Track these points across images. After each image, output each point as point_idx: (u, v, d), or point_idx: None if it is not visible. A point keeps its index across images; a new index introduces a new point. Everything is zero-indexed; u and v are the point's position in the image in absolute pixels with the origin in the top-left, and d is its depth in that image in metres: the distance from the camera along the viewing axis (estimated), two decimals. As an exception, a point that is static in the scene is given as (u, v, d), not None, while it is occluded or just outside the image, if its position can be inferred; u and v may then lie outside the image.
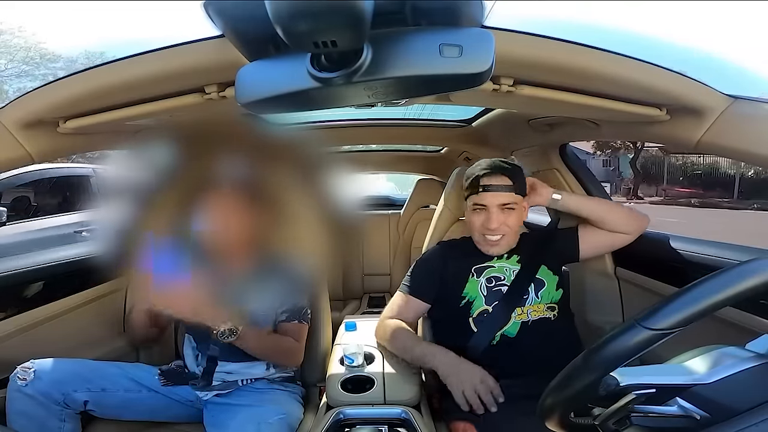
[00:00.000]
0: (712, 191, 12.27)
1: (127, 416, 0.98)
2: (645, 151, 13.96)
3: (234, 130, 0.62)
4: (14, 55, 9.61)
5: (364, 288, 2.38)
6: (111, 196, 0.65)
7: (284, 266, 0.90)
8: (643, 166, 14.44)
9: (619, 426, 0.46)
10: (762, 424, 0.37)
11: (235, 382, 0.99)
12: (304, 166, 0.58)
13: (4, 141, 0.66)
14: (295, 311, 1.04)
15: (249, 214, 0.68)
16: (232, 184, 0.66)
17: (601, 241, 1.04)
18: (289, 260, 0.64)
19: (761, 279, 0.41)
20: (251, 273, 0.70)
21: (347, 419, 0.82)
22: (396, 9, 0.36)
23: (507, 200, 0.96)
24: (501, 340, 0.93)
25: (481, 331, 0.94)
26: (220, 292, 0.93)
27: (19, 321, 0.97)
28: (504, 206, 0.96)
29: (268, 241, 0.64)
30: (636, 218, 1.03)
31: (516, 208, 0.98)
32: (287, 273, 1.02)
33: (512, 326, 0.94)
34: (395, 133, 1.68)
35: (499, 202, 0.96)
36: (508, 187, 0.96)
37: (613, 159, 15.05)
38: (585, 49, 0.60)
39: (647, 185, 14.32)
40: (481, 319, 0.96)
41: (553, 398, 0.48)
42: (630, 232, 1.02)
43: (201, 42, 0.55)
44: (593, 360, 0.44)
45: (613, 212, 1.03)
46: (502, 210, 0.96)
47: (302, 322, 1.06)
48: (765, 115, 0.67)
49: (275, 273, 1.00)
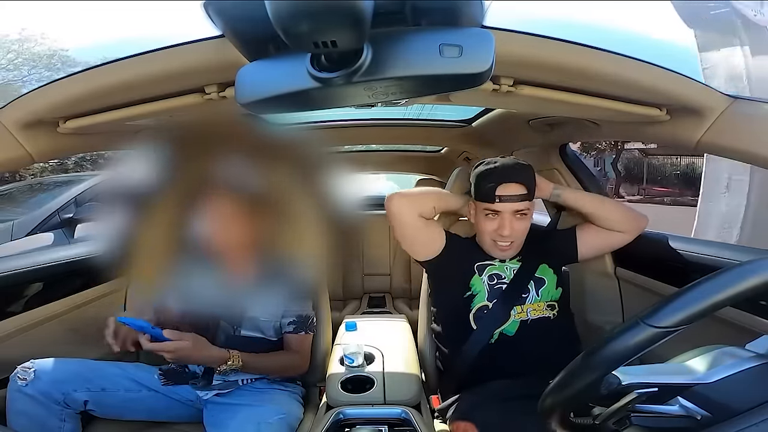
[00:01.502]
0: (688, 190, 12.93)
1: (127, 416, 0.98)
2: (628, 152, 14.55)
3: (234, 130, 0.62)
4: (37, 62, 9.84)
5: (364, 288, 2.38)
6: (111, 197, 0.64)
7: (288, 271, 0.89)
8: (626, 166, 15.07)
9: (619, 426, 0.46)
10: (762, 424, 0.37)
11: (235, 381, 0.99)
12: (304, 166, 0.58)
13: (4, 141, 0.66)
14: (301, 322, 1.02)
15: (250, 215, 0.68)
16: (232, 185, 0.65)
17: (599, 241, 1.03)
18: (292, 264, 0.63)
19: (765, 278, 0.41)
20: (255, 278, 0.70)
21: (347, 419, 0.83)
22: (396, 9, 0.36)
23: (522, 207, 0.94)
24: (500, 338, 0.93)
25: (480, 329, 0.94)
26: (225, 299, 0.92)
27: (19, 321, 0.97)
28: (518, 212, 0.95)
29: (270, 244, 0.64)
30: (634, 217, 1.03)
31: (528, 213, 0.96)
32: (291, 278, 1.02)
33: (511, 325, 0.94)
34: (395, 133, 1.68)
35: (514, 209, 0.94)
36: (523, 196, 0.94)
37: (599, 160, 15.47)
38: (585, 49, 0.60)
39: (630, 185, 14.85)
40: (480, 316, 0.95)
41: (554, 398, 0.48)
42: (628, 230, 1.01)
43: (201, 42, 0.55)
44: (596, 358, 0.44)
45: (612, 209, 1.02)
46: (516, 217, 0.95)
47: (308, 332, 1.04)
48: (765, 115, 0.67)
49: (279, 278, 0.99)
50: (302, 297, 1.04)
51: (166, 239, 0.58)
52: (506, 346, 0.92)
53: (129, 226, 0.58)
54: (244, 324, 0.97)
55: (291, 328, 1.01)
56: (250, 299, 0.98)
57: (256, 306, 1.00)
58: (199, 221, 0.64)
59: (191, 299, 0.78)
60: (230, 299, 0.95)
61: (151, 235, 0.57)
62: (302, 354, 1.03)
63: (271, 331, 1.01)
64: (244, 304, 0.99)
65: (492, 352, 0.92)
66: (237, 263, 0.71)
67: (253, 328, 0.98)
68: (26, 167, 6.07)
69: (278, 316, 1.02)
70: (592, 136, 1.07)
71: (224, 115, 0.73)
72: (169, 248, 0.58)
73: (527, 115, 1.12)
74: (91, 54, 2.26)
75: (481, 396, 0.87)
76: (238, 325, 0.97)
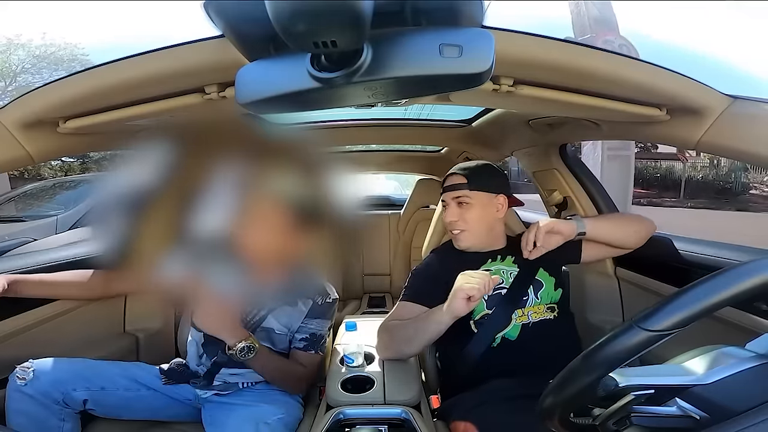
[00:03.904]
0: (666, 192, 13.83)
1: (126, 415, 0.98)
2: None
3: (233, 129, 0.62)
4: (59, 65, 10.25)
5: (364, 288, 2.38)
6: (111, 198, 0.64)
7: (305, 278, 0.87)
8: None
9: (619, 426, 0.46)
10: (762, 424, 0.37)
11: (235, 384, 0.99)
12: (304, 166, 0.58)
13: (4, 141, 0.66)
14: (314, 341, 1.00)
15: (251, 216, 0.67)
16: (233, 185, 0.65)
17: (605, 252, 1.06)
18: (308, 272, 0.62)
19: (760, 280, 0.41)
20: (274, 286, 0.68)
21: (347, 419, 0.82)
22: (396, 9, 0.36)
23: (459, 194, 1.02)
24: (501, 342, 0.93)
25: (481, 333, 0.94)
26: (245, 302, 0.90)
27: (19, 321, 0.97)
28: (458, 201, 1.02)
29: (271, 244, 0.63)
30: (646, 231, 1.04)
31: (472, 203, 1.01)
32: (310, 288, 1.00)
33: (513, 329, 0.94)
34: (395, 133, 1.68)
35: (453, 197, 1.03)
36: (462, 185, 1.02)
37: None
38: (585, 49, 0.60)
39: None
40: (481, 322, 0.95)
41: (553, 398, 0.48)
42: (639, 245, 1.04)
43: (201, 42, 0.55)
44: (591, 361, 0.44)
45: (630, 233, 1.03)
46: (459, 205, 1.02)
47: (319, 353, 1.02)
48: (765, 115, 0.67)
49: (298, 287, 0.98)
50: (323, 315, 1.02)
51: (165, 239, 0.58)
52: (508, 350, 0.92)
53: (129, 226, 0.58)
54: (258, 334, 0.96)
55: (301, 345, 0.99)
56: (271, 308, 0.98)
57: (273, 317, 0.99)
58: (199, 223, 0.63)
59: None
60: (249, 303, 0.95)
61: (149, 235, 0.57)
62: (308, 370, 1.01)
63: (283, 345, 1.00)
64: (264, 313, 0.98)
65: (494, 355, 0.92)
66: (256, 270, 0.69)
67: (266, 338, 0.97)
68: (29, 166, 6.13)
69: (293, 330, 1.00)
70: (592, 136, 1.07)
71: (224, 114, 0.72)
72: (167, 248, 0.58)
73: (527, 115, 1.12)
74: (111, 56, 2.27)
75: (481, 396, 0.86)
76: (251, 332, 0.95)
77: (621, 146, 6.41)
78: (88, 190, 3.18)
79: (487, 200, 1.02)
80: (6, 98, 8.40)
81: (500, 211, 1.04)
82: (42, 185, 3.92)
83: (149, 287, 0.76)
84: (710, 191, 13.17)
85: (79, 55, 10.73)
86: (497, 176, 1.06)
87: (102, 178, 2.99)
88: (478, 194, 1.01)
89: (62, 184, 3.83)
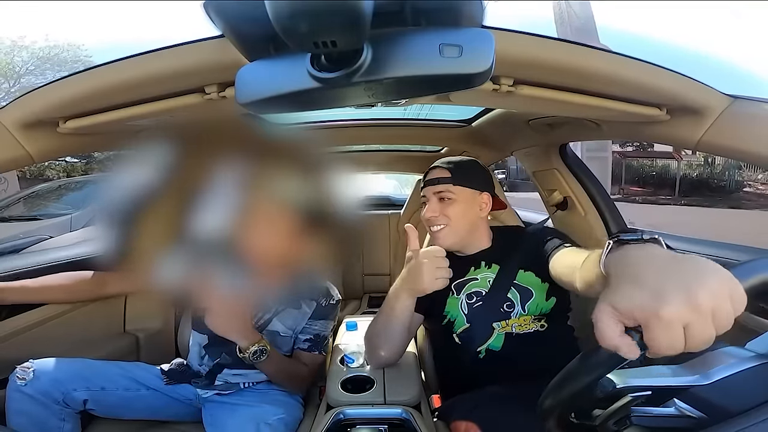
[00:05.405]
0: (661, 190, 14.09)
1: (126, 415, 0.98)
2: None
3: (233, 129, 0.62)
4: (62, 66, 10.42)
5: (364, 288, 2.38)
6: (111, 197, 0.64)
7: (310, 280, 0.86)
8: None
9: (620, 426, 0.46)
10: (761, 424, 0.37)
11: (237, 383, 0.99)
12: (304, 166, 0.58)
13: (4, 141, 0.66)
14: (317, 342, 1.01)
15: (253, 217, 0.67)
16: (233, 185, 0.65)
17: (569, 276, 0.74)
18: (312, 273, 0.62)
19: (760, 279, 0.41)
20: (280, 288, 0.68)
21: (347, 419, 0.82)
22: (396, 9, 0.36)
23: (441, 189, 0.96)
24: (487, 354, 0.90)
25: (464, 346, 0.92)
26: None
27: (19, 321, 0.97)
28: (440, 196, 0.96)
29: (273, 246, 0.63)
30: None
31: (454, 198, 0.95)
32: (313, 289, 1.00)
33: (496, 339, 0.90)
34: (395, 133, 1.68)
35: (435, 191, 0.97)
36: (445, 179, 0.96)
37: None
38: (585, 49, 0.60)
39: (612, 184, 15.88)
40: (463, 335, 0.93)
41: (552, 399, 0.48)
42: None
43: (201, 42, 0.55)
44: (588, 362, 0.44)
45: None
46: (440, 201, 0.96)
47: (322, 353, 1.02)
48: (765, 115, 0.67)
49: (303, 289, 0.97)
50: (326, 316, 1.02)
51: (165, 240, 0.58)
52: (495, 360, 0.90)
53: (129, 226, 0.58)
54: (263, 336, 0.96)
55: (305, 346, 1.00)
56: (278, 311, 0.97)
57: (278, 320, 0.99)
58: (199, 224, 0.63)
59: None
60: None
61: (149, 235, 0.57)
62: (311, 370, 1.01)
63: (287, 347, 1.01)
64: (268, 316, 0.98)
65: (483, 366, 0.90)
66: (258, 270, 0.69)
67: (271, 341, 0.96)
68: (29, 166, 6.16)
69: (297, 332, 1.01)
70: (592, 136, 1.07)
71: (224, 114, 0.72)
72: (167, 249, 0.58)
73: (527, 115, 1.12)
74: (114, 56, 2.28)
75: (482, 396, 0.86)
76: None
77: (599, 147, 6.42)
78: (94, 190, 3.31)
79: (471, 197, 0.97)
80: (9, 100, 8.63)
81: (483, 210, 0.99)
82: (48, 186, 4.14)
83: (150, 287, 0.75)
84: (704, 189, 13.39)
85: (82, 56, 10.87)
86: (483, 173, 1.01)
87: (104, 179, 3.09)
88: (461, 190, 0.96)
89: (68, 185, 4.06)
